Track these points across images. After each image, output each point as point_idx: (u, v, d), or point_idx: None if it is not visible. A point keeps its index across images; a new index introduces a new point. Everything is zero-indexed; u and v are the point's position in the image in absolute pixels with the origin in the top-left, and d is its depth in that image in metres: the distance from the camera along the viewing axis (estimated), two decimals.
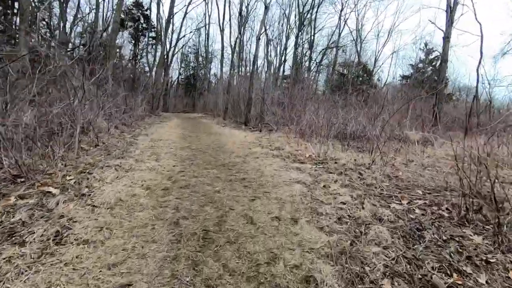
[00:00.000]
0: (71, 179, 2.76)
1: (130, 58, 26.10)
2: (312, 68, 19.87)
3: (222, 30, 22.04)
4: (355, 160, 4.50)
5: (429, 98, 13.06)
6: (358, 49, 25.28)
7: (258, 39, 10.27)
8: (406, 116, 10.05)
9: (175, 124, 10.64)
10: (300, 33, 17.50)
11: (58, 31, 14.43)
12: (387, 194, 3.04)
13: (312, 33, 20.02)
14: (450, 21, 12.06)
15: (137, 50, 25.73)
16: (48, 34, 13.53)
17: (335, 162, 4.37)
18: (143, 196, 2.65)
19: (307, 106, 11.07)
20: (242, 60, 28.34)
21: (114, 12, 8.38)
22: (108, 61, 7.90)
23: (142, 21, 24.74)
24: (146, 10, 25.10)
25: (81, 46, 10.16)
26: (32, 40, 11.93)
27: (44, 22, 17.23)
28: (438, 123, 10.77)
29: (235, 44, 17.80)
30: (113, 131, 5.79)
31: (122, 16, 25.55)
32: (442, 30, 12.40)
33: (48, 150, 3.21)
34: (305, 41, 20.52)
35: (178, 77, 38.79)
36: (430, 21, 12.56)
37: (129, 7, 24.68)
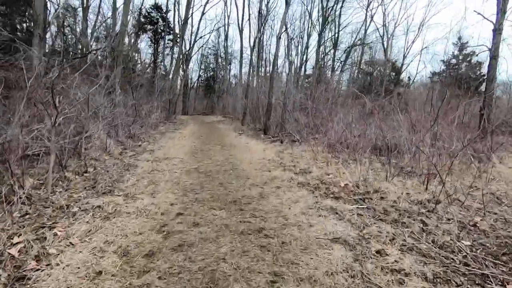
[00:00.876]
0: (17, 243, 1.98)
1: (150, 62, 26.09)
2: (336, 67, 18.57)
3: (241, 30, 21.28)
4: (407, 194, 3.42)
5: (468, 98, 11.41)
6: (385, 46, 23.56)
7: (278, 38, 9.31)
8: (451, 121, 8.64)
9: (189, 132, 9.94)
10: (323, 30, 16.30)
11: (73, 36, 14.31)
12: (477, 270, 1.97)
13: (337, 30, 18.70)
14: (501, 11, 10.40)
15: (156, 54, 25.65)
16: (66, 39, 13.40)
17: (382, 197, 3.33)
18: (111, 275, 1.80)
19: (334, 112, 9.96)
20: (262, 60, 27.48)
21: (121, 15, 7.89)
22: (116, 67, 7.31)
23: (161, 24, 24.55)
24: (165, 13, 24.94)
25: (94, 52, 9.76)
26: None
27: (66, 28, 17.33)
28: (486, 130, 9.23)
29: (254, 43, 16.94)
30: (113, 149, 5.09)
31: (142, 19, 25.62)
32: (492, 22, 10.74)
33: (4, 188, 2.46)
34: (328, 39, 19.24)
35: (198, 79, 38.70)
36: (477, 12, 10.86)
37: (148, 10, 24.62)
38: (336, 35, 18.65)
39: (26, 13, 13.12)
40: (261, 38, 20.72)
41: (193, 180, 3.90)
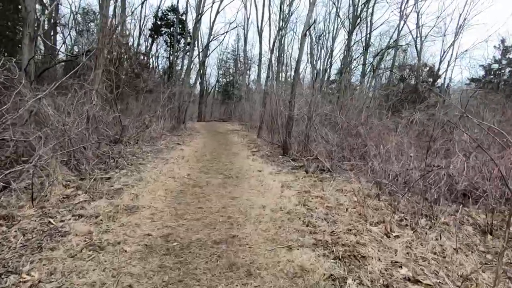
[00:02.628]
0: None
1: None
2: (367, 72, 16.31)
3: (260, 32, 19.58)
4: None
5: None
6: (418, 49, 20.90)
7: (304, 35, 7.40)
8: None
9: (191, 151, 8.20)
10: (353, 30, 14.20)
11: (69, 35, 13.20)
12: None
13: (368, 31, 16.47)
14: None
15: (174, 58, 24.57)
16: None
17: None
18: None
19: (370, 128, 7.89)
20: (282, 65, 25.59)
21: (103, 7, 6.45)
22: (94, 70, 5.76)
23: (177, 27, 23.43)
24: (182, 15, 23.83)
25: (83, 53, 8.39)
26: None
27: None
28: None
29: (273, 45, 15.12)
30: (54, 192, 3.37)
31: (158, 22, 24.70)
32: None
33: None
34: (358, 41, 17.04)
35: (215, 84, 37.54)
36: None
37: (164, 12, 23.63)
38: (368, 36, 16.43)
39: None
40: (282, 41, 18.91)
41: (160, 277, 2.06)
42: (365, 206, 3.72)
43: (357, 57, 16.96)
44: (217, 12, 19.63)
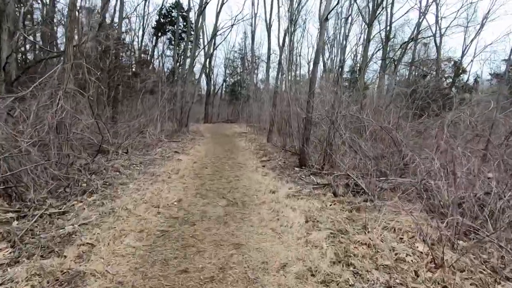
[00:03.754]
0: None
1: (171, 68, 23.97)
2: (387, 67, 14.73)
3: (269, 27, 18.22)
4: None
5: None
6: (438, 43, 19.12)
7: (325, 19, 6.02)
8: None
9: (189, 162, 6.92)
10: (373, 20, 12.66)
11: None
12: None
13: (389, 22, 14.88)
14: None
15: (176, 57, 23.47)
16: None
17: None
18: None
19: (406, 133, 6.54)
20: (292, 63, 24.14)
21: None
22: (63, 64, 4.54)
23: (177, 22, 22.28)
24: (187, 12, 22.67)
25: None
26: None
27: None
28: None
29: (284, 39, 13.72)
30: None
31: (162, 19, 23.61)
32: None
33: None
34: (376, 34, 15.48)
35: (222, 84, 36.38)
36: None
37: (168, 9, 22.53)
38: (388, 28, 14.85)
39: None
40: (292, 37, 17.37)
41: None
42: (445, 266, 2.34)
43: (376, 51, 15.43)
44: (222, 3, 18.28)
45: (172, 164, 6.40)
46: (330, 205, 3.96)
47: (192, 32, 16.07)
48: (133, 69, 11.14)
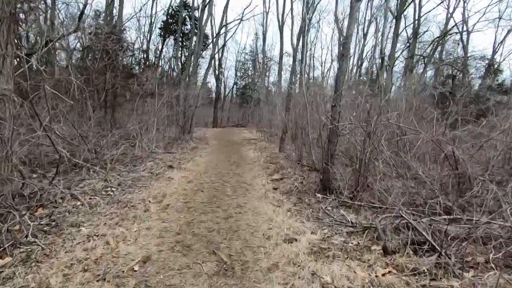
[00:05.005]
0: None
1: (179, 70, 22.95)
2: (416, 66, 13.00)
3: (281, 24, 16.83)
4: None
5: None
6: (464, 40, 17.10)
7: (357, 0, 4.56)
8: None
9: (183, 183, 5.54)
10: (402, 12, 11.05)
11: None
12: None
13: (417, 15, 13.18)
14: None
15: (183, 58, 22.42)
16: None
17: None
18: None
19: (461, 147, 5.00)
20: (306, 64, 22.61)
21: None
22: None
23: (189, 24, 21.24)
24: (194, 11, 21.59)
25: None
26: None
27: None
28: None
29: (298, 36, 12.25)
30: None
31: (169, 20, 22.63)
32: None
33: None
34: (402, 29, 13.76)
35: (233, 87, 35.21)
36: None
37: (175, 9, 21.51)
38: (417, 22, 13.16)
39: None
40: (305, 38, 15.77)
41: None
42: None
43: (405, 48, 13.72)
44: None
45: (159, 186, 5.04)
46: (383, 274, 2.46)
47: (196, 30, 14.83)
48: (131, 70, 9.94)
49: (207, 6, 14.24)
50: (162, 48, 22.76)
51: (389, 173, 4.48)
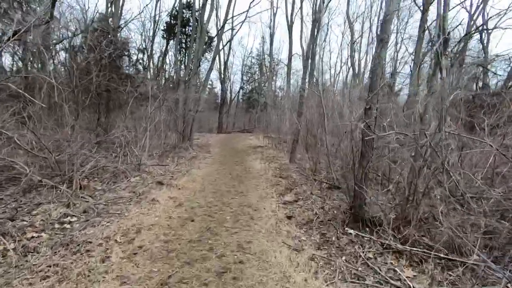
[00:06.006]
0: None
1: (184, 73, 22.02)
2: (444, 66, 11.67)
3: (290, 24, 15.76)
4: None
5: None
6: (484, 40, 15.63)
7: None
8: None
9: (171, 208, 4.33)
10: (430, 5, 9.79)
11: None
12: None
13: (442, 11, 11.86)
14: None
15: (186, 60, 21.49)
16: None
17: None
18: None
19: None
20: (314, 69, 21.41)
21: None
22: None
23: (191, 25, 20.33)
24: (197, 11, 20.73)
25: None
26: None
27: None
28: None
29: (312, 28, 11.05)
30: None
31: (173, 21, 21.79)
32: None
33: None
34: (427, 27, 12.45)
35: (239, 92, 34.18)
36: None
37: (178, 10, 20.64)
38: (442, 18, 11.85)
39: None
40: (315, 41, 14.49)
41: None
42: None
43: (431, 46, 12.46)
44: None
45: (137, 214, 3.85)
46: None
47: (197, 24, 13.78)
48: (121, 69, 8.91)
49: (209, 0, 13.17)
50: (166, 50, 21.93)
51: (448, 201, 3.20)
